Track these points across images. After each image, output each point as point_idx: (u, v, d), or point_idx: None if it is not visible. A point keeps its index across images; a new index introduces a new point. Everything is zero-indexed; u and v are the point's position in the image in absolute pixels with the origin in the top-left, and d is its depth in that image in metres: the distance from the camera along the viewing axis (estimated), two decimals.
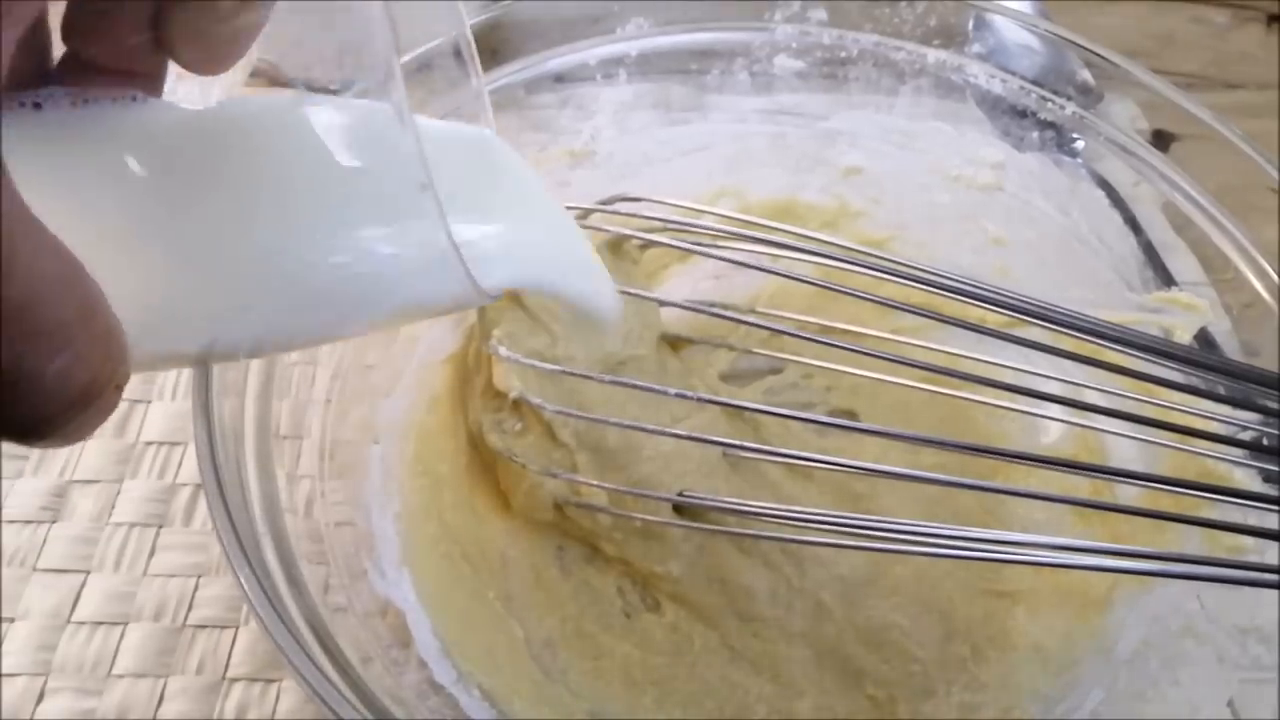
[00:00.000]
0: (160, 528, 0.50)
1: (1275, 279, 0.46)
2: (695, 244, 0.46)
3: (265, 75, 0.26)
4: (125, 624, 0.46)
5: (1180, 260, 0.52)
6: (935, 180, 0.56)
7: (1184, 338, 0.50)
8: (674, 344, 0.53)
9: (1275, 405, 0.40)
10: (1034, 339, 0.42)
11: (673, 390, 0.43)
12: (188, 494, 0.51)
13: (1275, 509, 0.39)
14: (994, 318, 0.46)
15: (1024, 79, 0.54)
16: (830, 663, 0.46)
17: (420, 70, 0.34)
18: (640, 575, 0.48)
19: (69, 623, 0.46)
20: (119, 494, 0.51)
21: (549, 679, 0.45)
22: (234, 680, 0.45)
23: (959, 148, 0.56)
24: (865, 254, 0.42)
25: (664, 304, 0.50)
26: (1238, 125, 0.47)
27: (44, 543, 0.49)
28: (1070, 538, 0.43)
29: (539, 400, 0.45)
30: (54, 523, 0.49)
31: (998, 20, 0.54)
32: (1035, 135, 0.54)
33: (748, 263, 0.44)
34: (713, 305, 0.49)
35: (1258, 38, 0.81)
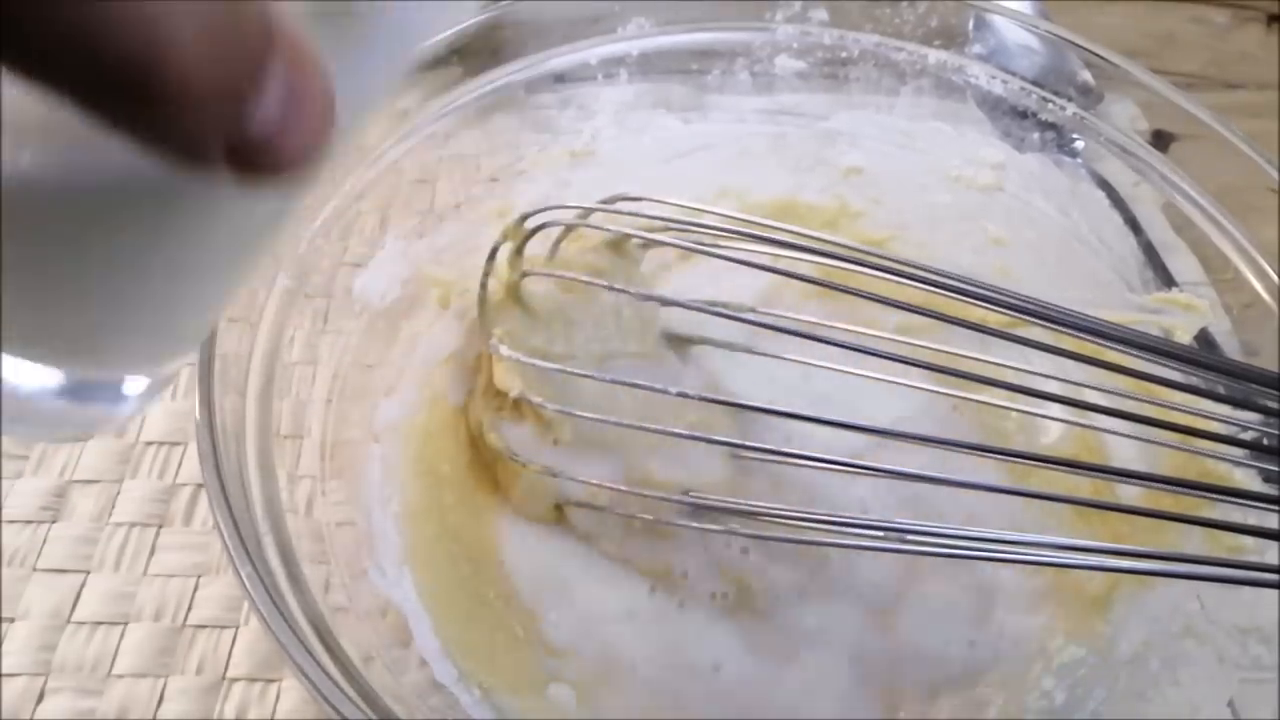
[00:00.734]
0: (160, 528, 0.49)
1: (1275, 279, 0.46)
2: (696, 243, 0.46)
3: None
4: (125, 624, 0.46)
5: (1180, 260, 0.52)
6: (935, 180, 0.57)
7: (1184, 338, 0.50)
8: (675, 343, 0.53)
9: (1275, 405, 0.40)
10: (1034, 339, 0.42)
11: (673, 389, 0.43)
12: (188, 494, 0.51)
13: (1275, 509, 0.39)
14: (994, 317, 0.46)
15: (1024, 79, 0.54)
16: (843, 664, 0.46)
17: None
18: (642, 574, 0.48)
19: (69, 623, 0.46)
20: (119, 494, 0.50)
21: (550, 678, 0.45)
22: (234, 680, 0.45)
23: (959, 148, 0.56)
24: (866, 253, 0.42)
25: (665, 303, 0.50)
26: (1238, 125, 0.47)
27: (44, 543, 0.49)
28: (1070, 537, 0.43)
29: (539, 399, 0.45)
30: (54, 523, 0.49)
31: (998, 21, 0.54)
32: (1035, 136, 0.54)
33: (749, 262, 0.44)
34: (713, 305, 0.49)
35: (1258, 38, 0.81)
